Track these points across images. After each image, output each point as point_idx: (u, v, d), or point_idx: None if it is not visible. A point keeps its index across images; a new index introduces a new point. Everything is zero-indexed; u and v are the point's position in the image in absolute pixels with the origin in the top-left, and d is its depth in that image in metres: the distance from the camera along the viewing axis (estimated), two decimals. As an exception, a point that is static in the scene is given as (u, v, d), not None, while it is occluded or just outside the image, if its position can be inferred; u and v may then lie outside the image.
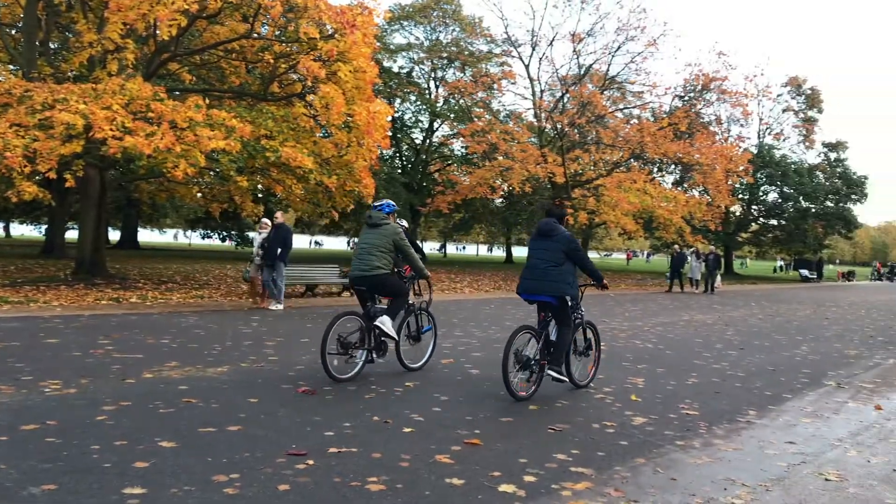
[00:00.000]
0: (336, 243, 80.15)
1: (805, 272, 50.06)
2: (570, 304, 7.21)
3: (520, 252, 70.36)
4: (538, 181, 33.71)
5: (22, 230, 56.08)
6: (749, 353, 11.33)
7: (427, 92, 42.72)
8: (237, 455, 4.80)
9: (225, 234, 48.47)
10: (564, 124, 31.80)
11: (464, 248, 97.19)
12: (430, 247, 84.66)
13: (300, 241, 76.38)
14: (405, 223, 9.12)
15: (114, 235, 49.75)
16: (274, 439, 5.22)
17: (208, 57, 20.42)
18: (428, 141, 43.42)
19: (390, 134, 29.91)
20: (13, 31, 20.77)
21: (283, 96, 19.51)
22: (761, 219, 51.27)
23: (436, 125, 42.53)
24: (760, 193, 49.46)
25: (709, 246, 34.47)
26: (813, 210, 47.76)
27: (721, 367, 9.68)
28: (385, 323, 7.61)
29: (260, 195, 28.97)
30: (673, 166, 41.40)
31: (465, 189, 32.57)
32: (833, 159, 50.62)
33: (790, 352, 11.71)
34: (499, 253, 68.48)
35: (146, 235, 64.50)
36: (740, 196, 47.35)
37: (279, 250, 14.06)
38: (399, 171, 42.06)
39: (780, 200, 49.09)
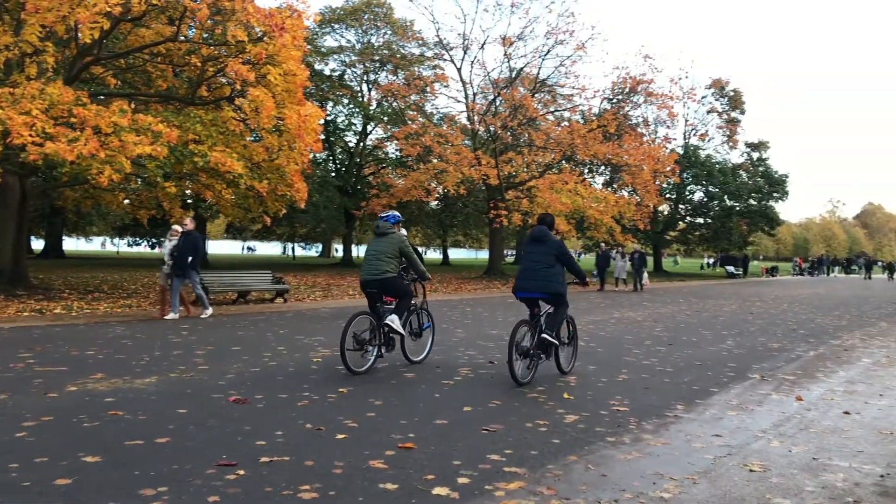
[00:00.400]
0: (269, 249, 79.03)
1: (731, 269, 51.58)
2: (561, 300, 8.30)
3: (455, 254, 70.76)
4: (473, 183, 33.90)
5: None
6: (677, 348, 11.62)
7: (360, 95, 42.53)
8: (165, 468, 4.69)
9: (154, 241, 47.31)
10: (497, 127, 32.08)
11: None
12: (364, 250, 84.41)
13: (232, 248, 75.27)
14: (405, 231, 9.54)
15: (37, 245, 48.05)
16: (203, 450, 5.12)
17: (133, 60, 19.89)
18: (362, 144, 43.20)
19: (323, 137, 29.70)
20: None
21: (211, 100, 19.17)
22: (688, 217, 52.64)
23: (369, 128, 42.37)
24: (687, 193, 50.77)
25: (633, 245, 35.12)
26: (737, 208, 49.25)
27: (650, 363, 9.91)
28: (394, 321, 8.53)
29: (189, 201, 28.40)
30: (603, 167, 42.23)
31: (400, 192, 32.55)
32: (755, 159, 52.34)
33: (716, 346, 12.06)
34: (435, 255, 68.57)
35: (72, 244, 62.52)
36: (668, 196, 48.54)
37: (189, 258, 13.69)
38: (333, 174, 41.74)
39: (705, 199, 50.48)
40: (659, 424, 6.41)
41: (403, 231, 10.04)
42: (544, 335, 8.12)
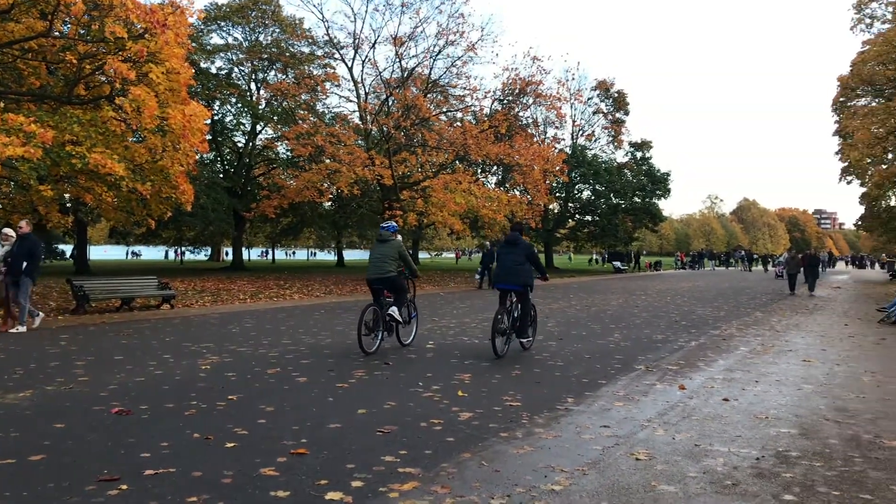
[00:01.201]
0: (155, 253, 76.11)
1: (618, 264, 53.38)
2: (530, 291, 10.44)
3: (350, 255, 70.15)
4: (367, 183, 33.72)
5: None
6: (567, 342, 11.92)
7: (248, 94, 41.49)
8: (40, 486, 4.43)
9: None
10: (390, 127, 32.04)
11: (293, 253, 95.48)
12: (256, 253, 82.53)
13: (116, 253, 72.08)
14: (400, 237, 11.66)
15: None
16: (83, 466, 4.87)
17: (2, 57, 18.68)
18: (251, 144, 42.15)
19: (209, 137, 28.87)
20: None
21: (89, 99, 18.23)
22: (577, 215, 54.11)
23: (258, 128, 41.39)
24: (575, 191, 52.21)
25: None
26: (623, 206, 51.01)
27: (542, 358, 10.12)
28: (395, 312, 10.57)
29: (68, 205, 27.00)
30: (495, 167, 42.85)
31: (291, 193, 31.97)
32: (639, 158, 54.33)
33: (604, 339, 12.44)
34: (329, 256, 67.84)
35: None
36: (557, 195, 49.77)
37: (25, 264, 12.58)
38: (221, 175, 40.55)
39: (593, 198, 52.04)
40: (550, 418, 6.55)
41: (399, 237, 11.39)
42: (521, 340, 10.58)
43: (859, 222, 49.97)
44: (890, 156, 36.52)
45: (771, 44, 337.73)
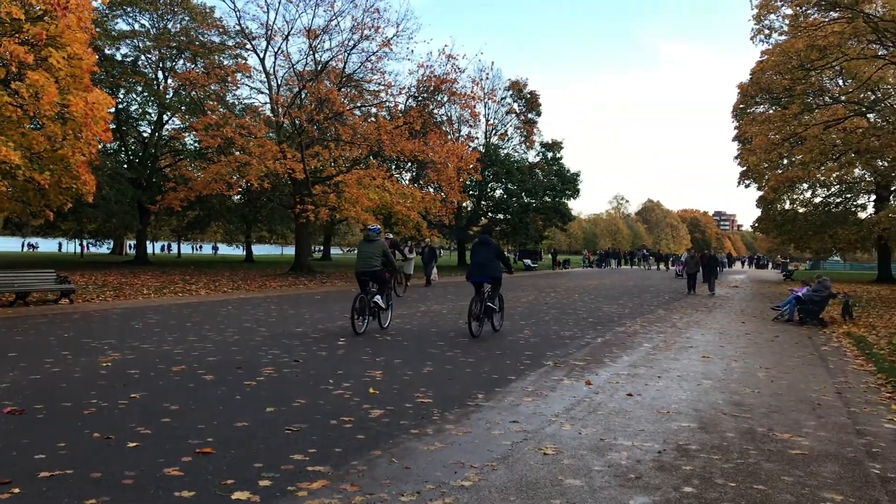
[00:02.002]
0: (53, 246, 72.75)
1: (528, 262, 54.24)
2: (500, 282, 12.93)
3: (260, 251, 68.88)
4: (277, 177, 33.13)
5: None
6: (479, 339, 12.04)
7: (155, 83, 40.10)
8: (-78, 493, 4.18)
9: None
10: (303, 120, 31.55)
11: (200, 247, 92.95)
12: (159, 246, 79.99)
13: (10, 245, 68.51)
14: (391, 235, 14.62)
15: None
16: (-30, 470, 4.61)
17: None
18: (157, 134, 40.73)
19: (113, 126, 27.71)
20: None
21: (-19, 82, 17.31)
22: (490, 213, 54.70)
23: (165, 118, 40.05)
24: (488, 190, 52.75)
25: (425, 239, 35.51)
26: (534, 205, 51.88)
27: (453, 355, 10.19)
28: (379, 300, 12.73)
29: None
30: (409, 164, 42.85)
31: (199, 185, 31.07)
32: (550, 158, 55.32)
33: (514, 336, 12.63)
34: (237, 252, 66.34)
35: None
36: (471, 193, 50.18)
37: None
38: (125, 166, 39.05)
39: (505, 196, 52.70)
40: (461, 414, 6.61)
41: (390, 235, 13.24)
42: (488, 304, 12.57)
43: (756, 224, 52.19)
44: (785, 161, 38.45)
45: (676, 49, 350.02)
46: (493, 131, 54.72)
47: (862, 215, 45.33)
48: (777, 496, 4.61)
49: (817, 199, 46.37)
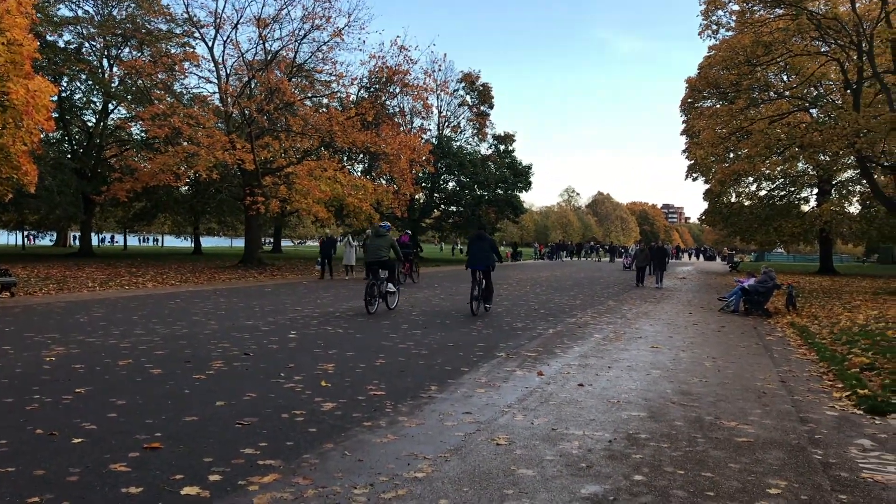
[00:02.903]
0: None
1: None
2: (492, 270, 15.42)
3: (209, 243, 67.76)
4: (227, 168, 32.62)
5: None
6: (431, 331, 12.04)
7: (100, 71, 39.03)
8: None
9: None
10: (252, 110, 31.11)
11: (146, 239, 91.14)
12: (105, 238, 78.15)
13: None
14: (390, 234, 16.20)
15: None
16: None
17: None
18: (102, 124, 39.71)
19: (56, 115, 26.94)
20: None
21: (-87, 67, 16.63)
22: (443, 206, 54.71)
23: (111, 107, 39.05)
24: (441, 182, 52.74)
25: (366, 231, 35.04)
26: (486, 197, 52.02)
27: (407, 347, 10.17)
28: (389, 286, 15.28)
29: None
30: (361, 155, 42.55)
31: (145, 176, 30.41)
32: (502, 150, 55.50)
33: (467, 328, 12.66)
34: (185, 244, 65.17)
35: None
36: (423, 185, 50.07)
37: None
38: (69, 156, 38.02)
39: (458, 188, 52.75)
40: (414, 406, 6.59)
41: (390, 234, 15.46)
42: (487, 305, 15.49)
43: (703, 217, 53.19)
44: (731, 155, 39.18)
45: (628, 44, 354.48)
46: (446, 123, 54.69)
47: (805, 208, 46.63)
48: (724, 483, 4.70)
49: (762, 193, 47.53)
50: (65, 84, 36.46)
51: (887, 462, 5.32)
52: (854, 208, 45.87)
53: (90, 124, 40.47)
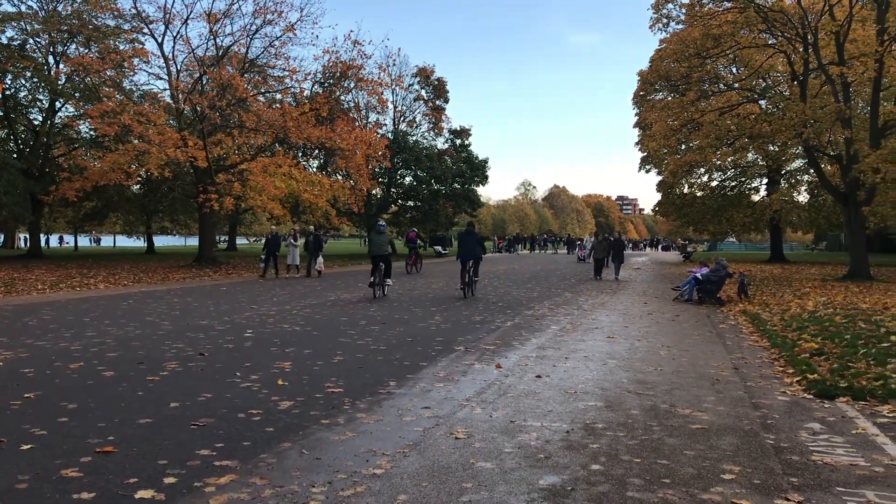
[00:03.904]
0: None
1: (439, 248, 54.44)
2: (480, 261, 18.27)
3: (162, 242, 66.59)
4: (179, 166, 32.08)
5: None
6: (390, 326, 12.01)
7: (45, 68, 38.03)
8: None
9: None
10: (204, 107, 30.63)
11: (98, 240, 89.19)
12: (55, 239, 76.41)
13: None
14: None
15: None
16: None
17: None
18: (49, 122, 38.72)
19: (1, 114, 26.19)
20: None
21: None
22: (400, 201, 54.57)
23: (58, 105, 38.09)
24: (398, 177, 52.56)
25: (309, 227, 34.62)
26: (443, 191, 52.05)
27: (365, 343, 10.13)
28: (388, 276, 17.96)
29: None
30: (317, 151, 42.20)
31: (95, 175, 29.77)
32: (458, 145, 55.56)
33: (426, 322, 12.66)
34: (138, 243, 63.95)
35: None
36: (380, 180, 49.87)
37: None
38: (14, 155, 37.01)
39: (415, 183, 52.64)
40: (372, 402, 6.57)
41: (388, 231, 17.22)
42: (475, 278, 18.46)
43: (657, 208, 53.93)
44: (683, 146, 39.81)
45: (581, 38, 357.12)
46: (402, 118, 54.52)
47: (755, 198, 47.56)
48: (680, 470, 4.77)
49: (714, 183, 48.30)
50: (9, 82, 35.46)
51: (836, 444, 5.45)
52: (803, 197, 47.00)
53: (36, 123, 39.44)
